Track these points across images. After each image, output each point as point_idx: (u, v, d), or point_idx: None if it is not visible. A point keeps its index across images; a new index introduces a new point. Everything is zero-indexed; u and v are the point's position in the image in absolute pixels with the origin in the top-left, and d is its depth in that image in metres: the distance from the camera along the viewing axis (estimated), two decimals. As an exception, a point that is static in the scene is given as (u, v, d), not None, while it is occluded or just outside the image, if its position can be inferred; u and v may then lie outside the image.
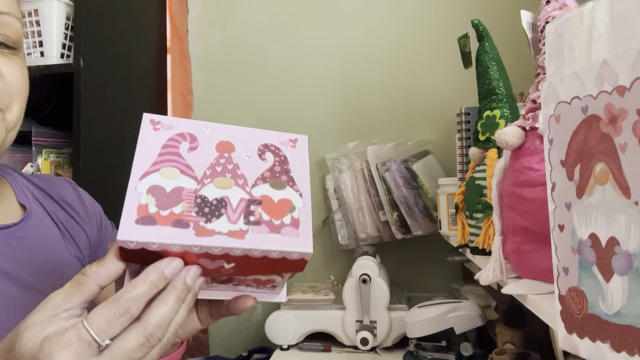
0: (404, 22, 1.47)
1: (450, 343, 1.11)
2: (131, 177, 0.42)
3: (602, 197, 0.31)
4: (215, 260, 0.41)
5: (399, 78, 1.47)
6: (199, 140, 0.46)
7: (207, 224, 0.40)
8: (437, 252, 1.38)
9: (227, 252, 0.40)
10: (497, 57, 0.82)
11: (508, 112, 0.78)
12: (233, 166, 0.45)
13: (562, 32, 0.37)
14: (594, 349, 0.32)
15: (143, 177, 0.42)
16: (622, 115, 0.29)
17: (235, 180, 0.43)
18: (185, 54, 1.56)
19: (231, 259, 0.41)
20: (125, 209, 0.39)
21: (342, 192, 1.40)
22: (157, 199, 0.41)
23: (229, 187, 0.43)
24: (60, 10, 1.18)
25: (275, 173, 0.45)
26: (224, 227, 0.40)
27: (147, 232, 0.39)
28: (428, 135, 1.45)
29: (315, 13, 1.52)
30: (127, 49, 1.37)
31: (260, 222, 0.42)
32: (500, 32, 1.09)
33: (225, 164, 0.44)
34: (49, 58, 1.18)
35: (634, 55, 0.28)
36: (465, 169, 1.00)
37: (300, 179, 0.46)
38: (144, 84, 1.46)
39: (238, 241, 0.40)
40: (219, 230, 0.40)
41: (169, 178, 0.42)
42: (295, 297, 1.25)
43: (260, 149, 0.47)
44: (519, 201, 0.56)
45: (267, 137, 0.48)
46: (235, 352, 1.46)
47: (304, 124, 1.52)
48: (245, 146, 0.47)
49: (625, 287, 0.29)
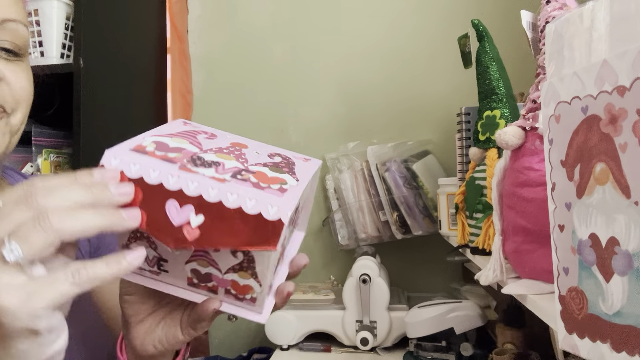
0: (404, 22, 1.47)
1: (450, 343, 1.11)
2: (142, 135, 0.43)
3: (602, 197, 0.31)
4: (184, 206, 0.38)
5: (399, 78, 1.47)
6: (217, 136, 0.48)
7: (194, 167, 0.39)
8: (437, 252, 1.38)
9: (202, 193, 0.38)
10: (497, 57, 0.82)
11: (508, 112, 0.78)
12: (240, 154, 0.45)
13: (562, 32, 0.37)
14: (594, 349, 0.32)
15: (153, 137, 0.43)
16: (622, 115, 0.29)
17: (237, 159, 0.44)
18: (185, 54, 1.56)
19: (202, 208, 0.38)
20: (124, 143, 0.40)
21: (342, 192, 1.40)
22: (158, 146, 0.41)
23: (229, 159, 0.43)
24: (60, 10, 1.18)
25: (279, 165, 0.45)
26: (208, 173, 0.39)
27: (133, 156, 0.39)
28: (428, 135, 1.45)
29: (315, 13, 1.52)
30: (127, 49, 1.37)
31: (247, 180, 0.40)
32: (501, 32, 1.09)
33: (234, 151, 0.45)
34: (49, 58, 1.18)
35: (634, 55, 0.28)
36: (465, 169, 1.00)
37: (301, 176, 0.45)
38: (143, 84, 1.46)
39: (217, 183, 0.38)
40: (203, 173, 0.39)
41: (176, 142, 0.43)
42: (295, 297, 1.25)
43: (271, 153, 0.48)
44: (519, 201, 0.56)
45: (282, 150, 0.50)
46: (235, 352, 1.46)
47: (304, 124, 1.52)
48: (258, 148, 0.48)
49: (625, 287, 0.29)
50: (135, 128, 0.45)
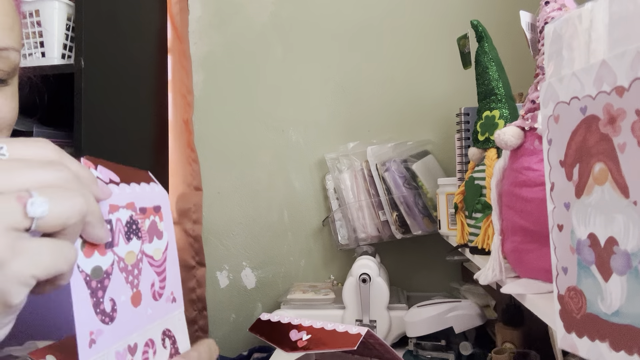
0: (404, 23, 1.48)
1: (449, 342, 1.11)
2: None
3: (601, 197, 0.31)
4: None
5: (399, 78, 1.47)
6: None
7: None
8: (436, 252, 1.38)
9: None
10: (496, 57, 0.82)
11: (507, 112, 0.79)
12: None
13: (561, 33, 0.37)
14: (593, 348, 0.32)
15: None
16: (620, 115, 0.29)
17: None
18: (185, 55, 1.57)
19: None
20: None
21: (342, 192, 1.40)
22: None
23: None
24: (61, 10, 1.18)
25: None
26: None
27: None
28: (427, 135, 1.45)
29: (315, 13, 1.53)
30: (127, 49, 1.37)
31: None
32: (500, 33, 1.09)
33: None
34: (50, 59, 1.18)
35: (632, 55, 0.28)
36: (465, 169, 1.00)
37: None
38: (144, 85, 1.46)
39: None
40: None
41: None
42: (295, 297, 1.26)
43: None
44: (518, 201, 0.56)
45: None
46: (235, 351, 1.46)
47: (304, 124, 1.52)
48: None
49: (624, 286, 0.29)
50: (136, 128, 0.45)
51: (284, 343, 0.58)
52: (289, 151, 1.53)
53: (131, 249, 0.37)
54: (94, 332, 0.33)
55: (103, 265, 0.34)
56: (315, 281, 1.47)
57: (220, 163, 1.57)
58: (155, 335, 0.39)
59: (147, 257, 0.39)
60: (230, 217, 1.55)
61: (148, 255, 0.39)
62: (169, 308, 0.42)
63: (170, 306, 0.42)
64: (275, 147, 1.54)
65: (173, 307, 0.42)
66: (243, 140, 1.56)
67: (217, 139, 1.57)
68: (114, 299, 0.35)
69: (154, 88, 1.51)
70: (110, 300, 0.34)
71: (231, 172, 1.56)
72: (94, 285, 0.33)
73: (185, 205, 1.52)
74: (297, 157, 1.52)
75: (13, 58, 0.53)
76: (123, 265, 0.36)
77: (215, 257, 1.55)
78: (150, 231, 0.40)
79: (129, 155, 1.34)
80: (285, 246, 1.52)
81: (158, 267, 0.40)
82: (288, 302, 1.25)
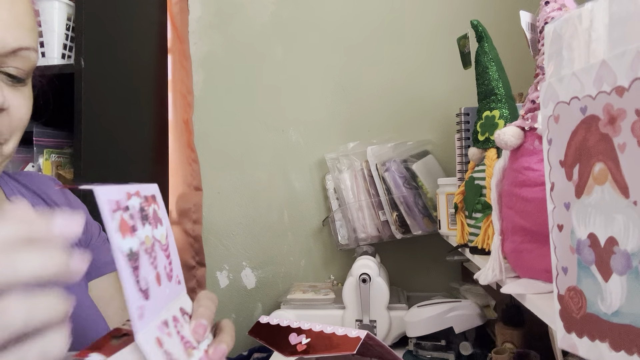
0: (404, 23, 1.48)
1: (449, 342, 1.11)
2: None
3: (601, 197, 0.31)
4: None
5: (399, 78, 1.47)
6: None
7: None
8: (436, 252, 1.38)
9: None
10: (496, 57, 0.82)
11: (507, 112, 0.79)
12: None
13: (561, 33, 0.37)
14: (593, 348, 0.32)
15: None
16: (620, 115, 0.29)
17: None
18: (185, 55, 1.57)
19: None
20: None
21: (342, 192, 1.40)
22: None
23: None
24: (62, 10, 1.18)
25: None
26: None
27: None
28: (427, 135, 1.45)
29: (315, 13, 1.53)
30: (128, 49, 1.37)
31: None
32: (500, 33, 1.09)
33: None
34: (50, 59, 1.18)
35: (632, 55, 0.28)
36: (465, 169, 1.00)
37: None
38: (144, 85, 1.46)
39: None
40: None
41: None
42: (295, 297, 1.26)
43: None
44: (518, 201, 0.56)
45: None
46: (235, 351, 1.46)
47: (304, 124, 1.52)
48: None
49: (624, 286, 0.29)
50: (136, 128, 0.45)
51: (283, 347, 0.60)
52: (289, 151, 1.53)
53: (147, 234, 0.40)
54: (141, 307, 0.36)
55: (133, 247, 0.37)
56: (315, 281, 1.47)
57: (220, 163, 1.57)
58: (176, 313, 0.42)
59: (157, 241, 0.41)
60: (230, 217, 1.55)
61: (157, 240, 0.41)
62: (177, 289, 0.44)
63: (178, 287, 0.45)
64: (275, 147, 1.54)
65: (180, 288, 0.45)
66: (243, 140, 1.56)
67: (217, 139, 1.57)
68: (146, 278, 0.38)
69: (154, 88, 1.51)
70: (143, 278, 0.37)
71: (231, 172, 1.56)
72: (132, 264, 0.36)
73: (185, 205, 1.52)
74: (297, 157, 1.52)
75: (33, 58, 0.54)
76: (145, 247, 0.39)
77: (215, 257, 1.55)
78: (154, 218, 0.42)
79: (129, 155, 1.34)
80: (285, 246, 1.52)
81: (165, 250, 0.43)
82: (288, 302, 1.25)
